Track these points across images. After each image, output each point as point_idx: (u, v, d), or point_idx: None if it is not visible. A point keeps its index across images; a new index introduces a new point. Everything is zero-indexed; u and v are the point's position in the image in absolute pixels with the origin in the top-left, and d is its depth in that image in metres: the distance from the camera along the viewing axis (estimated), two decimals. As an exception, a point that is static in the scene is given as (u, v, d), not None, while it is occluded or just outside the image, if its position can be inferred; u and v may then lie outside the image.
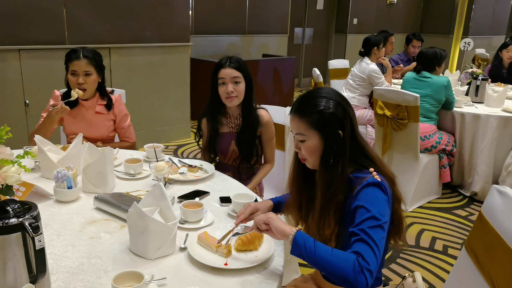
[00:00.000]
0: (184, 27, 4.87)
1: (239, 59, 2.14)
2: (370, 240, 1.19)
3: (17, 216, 1.06)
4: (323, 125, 1.33)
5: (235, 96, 2.12)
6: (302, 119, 1.35)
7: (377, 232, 1.21)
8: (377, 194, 1.27)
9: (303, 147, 1.37)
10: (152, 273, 1.22)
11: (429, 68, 3.60)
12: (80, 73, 2.30)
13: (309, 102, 1.36)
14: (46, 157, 1.91)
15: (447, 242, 3.05)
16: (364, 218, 1.22)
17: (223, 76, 2.10)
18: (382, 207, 1.25)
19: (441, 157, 3.64)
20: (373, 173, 1.31)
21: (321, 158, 1.34)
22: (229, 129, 2.25)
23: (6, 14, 3.59)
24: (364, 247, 1.18)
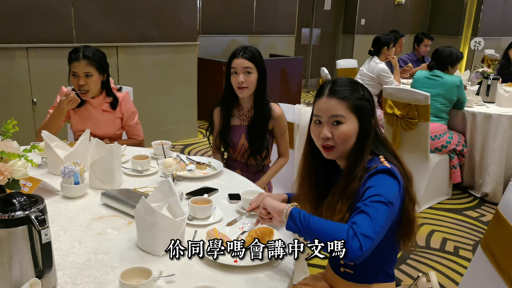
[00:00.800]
0: (192, 27, 4.85)
1: (253, 50, 2.12)
2: (369, 210, 1.16)
3: (23, 209, 1.04)
4: (361, 111, 1.32)
5: (246, 87, 2.10)
6: (342, 102, 1.32)
7: (379, 207, 1.18)
8: (386, 179, 1.24)
9: (338, 132, 1.32)
10: (160, 269, 1.19)
11: (441, 66, 3.55)
12: (80, 75, 2.27)
13: (348, 86, 1.34)
14: (53, 153, 1.89)
15: (458, 243, 3.00)
16: (369, 195, 1.20)
17: (235, 65, 2.10)
18: (389, 190, 1.22)
19: (451, 157, 3.59)
20: (384, 163, 1.28)
21: (355, 144, 1.32)
22: (240, 121, 2.23)
23: (14, 13, 3.59)
24: (361, 216, 1.16)
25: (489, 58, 6.55)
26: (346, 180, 1.33)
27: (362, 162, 1.31)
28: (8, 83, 3.66)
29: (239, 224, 1.49)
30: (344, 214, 1.30)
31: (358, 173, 1.31)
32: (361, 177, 1.30)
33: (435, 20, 10.18)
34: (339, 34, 9.13)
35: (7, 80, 3.65)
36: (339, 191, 1.34)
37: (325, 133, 1.33)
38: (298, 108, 2.44)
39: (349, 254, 1.09)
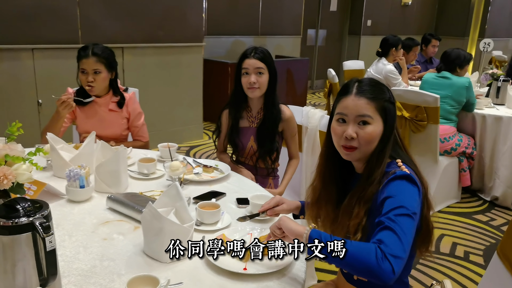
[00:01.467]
0: (197, 28, 4.82)
1: (264, 50, 2.10)
2: (395, 227, 1.10)
3: (28, 215, 1.01)
4: (387, 113, 1.29)
5: (257, 87, 2.07)
6: (371, 102, 1.28)
7: (404, 220, 1.12)
8: (406, 186, 1.20)
9: (364, 132, 1.27)
10: (167, 277, 1.15)
11: (450, 68, 3.50)
12: (89, 71, 2.26)
13: (376, 87, 1.31)
14: (58, 156, 1.86)
15: (468, 248, 2.94)
16: (391, 208, 1.15)
17: (247, 66, 2.07)
18: (411, 198, 1.18)
19: (460, 160, 3.54)
20: (401, 166, 1.24)
21: (377, 146, 1.28)
22: (249, 123, 2.19)
23: (20, 14, 3.57)
24: (387, 234, 1.09)
25: (497, 60, 6.49)
26: (365, 184, 1.29)
27: (381, 166, 1.27)
28: (14, 84, 3.64)
29: (248, 230, 1.45)
30: (361, 218, 1.25)
31: (377, 176, 1.26)
32: (380, 181, 1.26)
33: (442, 21, 10.10)
34: (345, 35, 9.07)
35: (12, 81, 3.63)
36: (357, 195, 1.29)
37: (350, 132, 1.28)
38: (306, 110, 2.40)
39: (381, 277, 1.03)
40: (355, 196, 1.30)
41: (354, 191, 1.32)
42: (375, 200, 1.25)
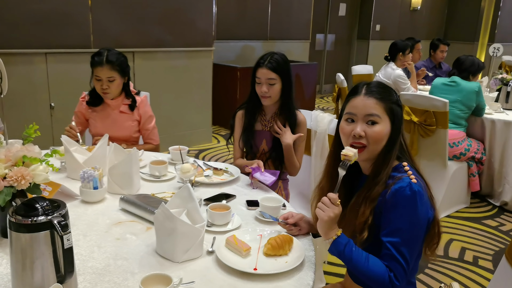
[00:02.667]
0: (207, 33, 4.87)
1: (278, 59, 2.09)
2: (401, 258, 1.23)
3: (46, 214, 1.04)
4: (394, 115, 1.33)
5: (269, 97, 2.10)
6: (380, 102, 1.32)
7: (409, 247, 1.24)
8: (414, 208, 1.24)
9: (372, 131, 1.31)
10: (179, 276, 1.18)
11: (463, 75, 3.51)
12: (104, 79, 2.31)
13: (384, 89, 1.35)
14: (72, 158, 1.90)
15: (477, 253, 2.94)
16: (397, 229, 1.24)
17: (259, 76, 2.10)
18: (417, 217, 1.24)
19: (470, 165, 3.53)
20: (409, 173, 1.28)
21: (385, 146, 1.32)
22: (262, 127, 2.22)
23: (34, 19, 3.65)
24: (395, 265, 1.23)
25: (506, 65, 6.45)
26: (371, 184, 1.32)
27: (387, 166, 1.31)
28: (27, 88, 3.71)
29: (258, 231, 1.48)
30: (367, 217, 1.29)
31: (383, 177, 1.30)
32: (385, 182, 1.30)
33: (451, 26, 10.07)
34: (353, 39, 9.09)
35: (26, 84, 3.70)
36: (363, 194, 1.33)
37: (358, 130, 1.31)
38: (315, 114, 2.42)
39: None
40: (361, 195, 1.33)
41: (360, 191, 1.35)
42: (380, 201, 1.29)
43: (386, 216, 1.27)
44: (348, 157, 1.29)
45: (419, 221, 1.25)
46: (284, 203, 1.70)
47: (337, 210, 1.25)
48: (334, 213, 1.25)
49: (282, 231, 1.47)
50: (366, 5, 8.73)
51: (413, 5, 9.30)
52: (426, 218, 1.27)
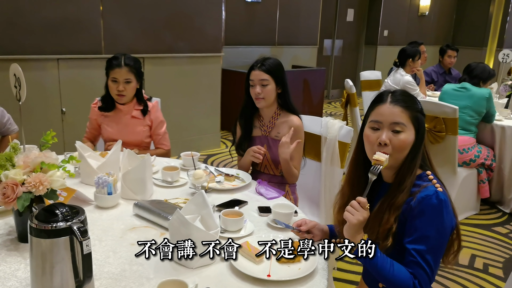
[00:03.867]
0: (216, 38, 4.91)
1: (272, 63, 2.14)
2: (426, 266, 1.25)
3: (66, 220, 1.06)
4: (419, 123, 1.34)
5: (262, 98, 2.13)
6: (405, 111, 1.33)
7: (434, 254, 1.25)
8: (440, 217, 1.25)
9: (397, 139, 1.31)
10: (195, 282, 1.20)
11: (474, 82, 3.51)
12: (121, 81, 2.34)
13: (410, 98, 1.36)
14: (86, 163, 1.93)
15: (488, 260, 2.92)
16: (423, 236, 1.25)
17: (252, 78, 2.14)
18: (443, 226, 1.25)
19: (479, 171, 3.52)
20: (433, 182, 1.29)
21: (409, 154, 1.33)
22: (261, 132, 2.24)
23: (46, 25, 3.70)
24: (420, 272, 1.25)
25: (516, 71, 6.41)
26: (396, 191, 1.33)
27: (412, 174, 1.32)
28: (39, 93, 3.76)
29: (271, 238, 1.48)
30: (391, 225, 1.30)
31: (408, 185, 1.32)
32: (410, 190, 1.31)
33: (459, 31, 10.05)
34: (361, 45, 9.10)
35: (38, 90, 3.75)
36: (387, 201, 1.34)
37: (384, 138, 1.31)
38: (325, 120, 2.43)
39: None
40: (385, 202, 1.34)
41: (384, 198, 1.36)
42: (405, 208, 1.30)
43: (411, 224, 1.27)
44: (380, 162, 1.30)
45: (445, 230, 1.26)
46: (296, 210, 1.71)
47: (366, 214, 1.26)
48: (363, 216, 1.25)
49: (295, 238, 1.48)
50: (374, 10, 8.74)
51: (421, 11, 9.30)
52: (450, 227, 1.29)
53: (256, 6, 6.53)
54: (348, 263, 2.78)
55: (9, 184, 1.32)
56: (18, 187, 1.32)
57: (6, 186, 1.32)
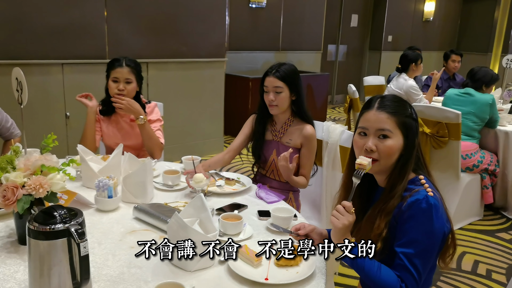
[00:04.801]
0: (220, 44, 4.94)
1: (287, 69, 2.12)
2: (413, 269, 1.24)
3: (64, 222, 1.07)
4: (408, 129, 1.33)
5: (276, 105, 2.12)
6: (391, 117, 1.32)
7: (422, 259, 1.24)
8: (429, 221, 1.25)
9: (383, 145, 1.32)
10: (192, 285, 1.20)
11: (476, 85, 3.50)
12: (122, 80, 2.36)
13: (397, 103, 1.35)
14: (87, 167, 1.94)
15: (491, 266, 2.90)
16: (411, 240, 1.24)
17: (267, 84, 2.13)
18: (432, 230, 1.24)
19: (483, 177, 3.50)
20: (425, 186, 1.28)
21: (398, 160, 1.33)
22: (272, 136, 2.23)
23: (51, 30, 3.74)
24: (407, 276, 1.24)
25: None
26: (387, 197, 1.33)
27: (403, 180, 1.32)
28: (43, 97, 3.79)
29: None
30: (382, 230, 1.30)
31: (399, 191, 1.31)
32: (401, 195, 1.30)
33: (464, 37, 10.04)
34: (365, 50, 9.10)
35: (42, 94, 3.78)
36: (379, 207, 1.34)
37: (370, 145, 1.32)
38: (327, 125, 2.44)
39: None
40: (377, 208, 1.35)
41: (376, 204, 1.36)
42: (396, 212, 1.29)
43: (401, 228, 1.27)
44: (362, 166, 1.30)
45: (434, 234, 1.25)
46: (296, 213, 1.71)
47: (351, 218, 1.26)
48: (348, 221, 1.25)
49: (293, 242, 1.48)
50: (378, 16, 8.75)
51: (426, 16, 9.30)
52: (441, 231, 1.27)
53: (260, 11, 6.56)
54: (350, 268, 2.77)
55: (9, 186, 1.33)
56: (18, 189, 1.33)
57: (6, 189, 1.33)
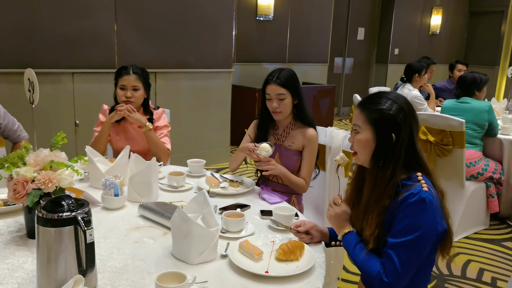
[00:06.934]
0: (227, 55, 5.02)
1: (286, 75, 2.15)
2: (396, 257, 1.26)
3: (71, 210, 1.12)
4: (379, 123, 1.35)
5: (280, 112, 2.16)
6: (362, 112, 1.39)
7: (408, 249, 1.26)
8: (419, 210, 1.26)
9: (355, 140, 1.41)
10: (194, 275, 1.23)
11: (468, 92, 3.53)
12: (129, 88, 2.42)
13: (374, 100, 1.40)
14: (95, 167, 1.99)
15: (496, 274, 2.89)
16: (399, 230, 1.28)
17: (269, 92, 2.16)
18: (421, 223, 1.26)
19: (488, 185, 3.50)
20: (421, 182, 1.30)
21: (372, 156, 1.37)
22: (275, 140, 2.27)
23: (62, 40, 3.84)
24: (388, 263, 1.28)
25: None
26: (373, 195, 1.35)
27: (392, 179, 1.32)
28: (54, 106, 3.88)
29: (270, 238, 1.52)
30: (373, 230, 1.33)
31: (387, 190, 1.32)
32: (391, 194, 1.32)
33: (471, 50, 10.06)
34: (372, 63, 9.16)
35: (52, 102, 3.86)
36: (369, 205, 1.36)
37: (348, 139, 1.46)
38: (330, 130, 2.47)
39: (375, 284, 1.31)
40: (362, 207, 1.41)
41: (362, 202, 1.42)
42: (390, 211, 1.31)
43: (394, 220, 1.30)
44: (337, 161, 1.55)
45: (424, 227, 1.25)
46: (297, 212, 1.74)
47: (338, 209, 1.45)
48: (335, 212, 1.45)
49: (294, 238, 1.51)
50: (385, 29, 8.83)
51: (432, 29, 9.36)
52: (433, 227, 1.28)
53: (267, 24, 6.66)
54: (352, 274, 2.78)
55: (20, 180, 1.39)
56: (28, 183, 1.39)
57: (17, 183, 1.39)
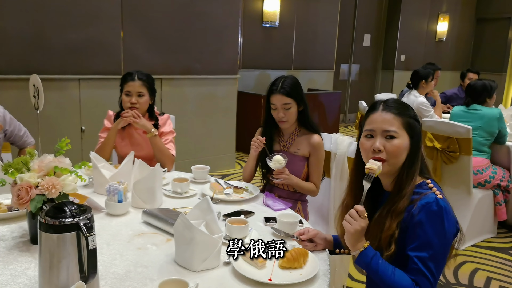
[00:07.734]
0: (233, 61, 5.03)
1: (290, 83, 2.14)
2: (428, 273, 1.24)
3: (73, 216, 1.11)
4: (413, 130, 1.36)
5: (286, 121, 2.16)
6: (397, 117, 1.35)
7: (436, 262, 1.25)
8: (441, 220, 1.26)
9: (391, 145, 1.34)
10: (196, 282, 1.22)
11: (479, 100, 3.50)
12: (134, 94, 2.43)
13: (402, 105, 1.39)
14: (99, 173, 1.99)
15: (504, 283, 2.85)
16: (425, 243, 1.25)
17: (274, 102, 2.15)
18: (444, 233, 1.26)
19: (496, 193, 3.46)
20: (433, 189, 1.31)
21: (406, 160, 1.35)
22: (280, 147, 2.26)
23: (69, 47, 3.87)
24: (422, 279, 1.25)
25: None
26: (395, 197, 1.35)
27: (412, 181, 1.34)
28: (60, 112, 3.90)
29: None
30: (393, 231, 1.31)
31: (408, 191, 1.33)
32: (410, 196, 1.32)
33: (478, 57, 10.02)
34: (378, 70, 9.14)
35: (59, 108, 3.89)
36: (387, 208, 1.35)
37: (377, 145, 1.34)
38: (335, 137, 2.46)
39: None
40: (385, 209, 1.36)
41: (385, 205, 1.38)
42: (406, 216, 1.31)
43: (413, 231, 1.28)
44: (372, 170, 1.32)
45: (446, 237, 1.26)
46: (301, 219, 1.73)
47: (364, 223, 1.29)
48: (360, 226, 1.28)
49: (298, 246, 1.50)
50: (391, 36, 8.82)
51: (439, 36, 9.33)
52: (452, 233, 1.29)
53: (273, 31, 6.68)
54: (358, 282, 2.75)
55: (23, 186, 1.39)
56: (32, 189, 1.39)
57: (20, 188, 1.39)
